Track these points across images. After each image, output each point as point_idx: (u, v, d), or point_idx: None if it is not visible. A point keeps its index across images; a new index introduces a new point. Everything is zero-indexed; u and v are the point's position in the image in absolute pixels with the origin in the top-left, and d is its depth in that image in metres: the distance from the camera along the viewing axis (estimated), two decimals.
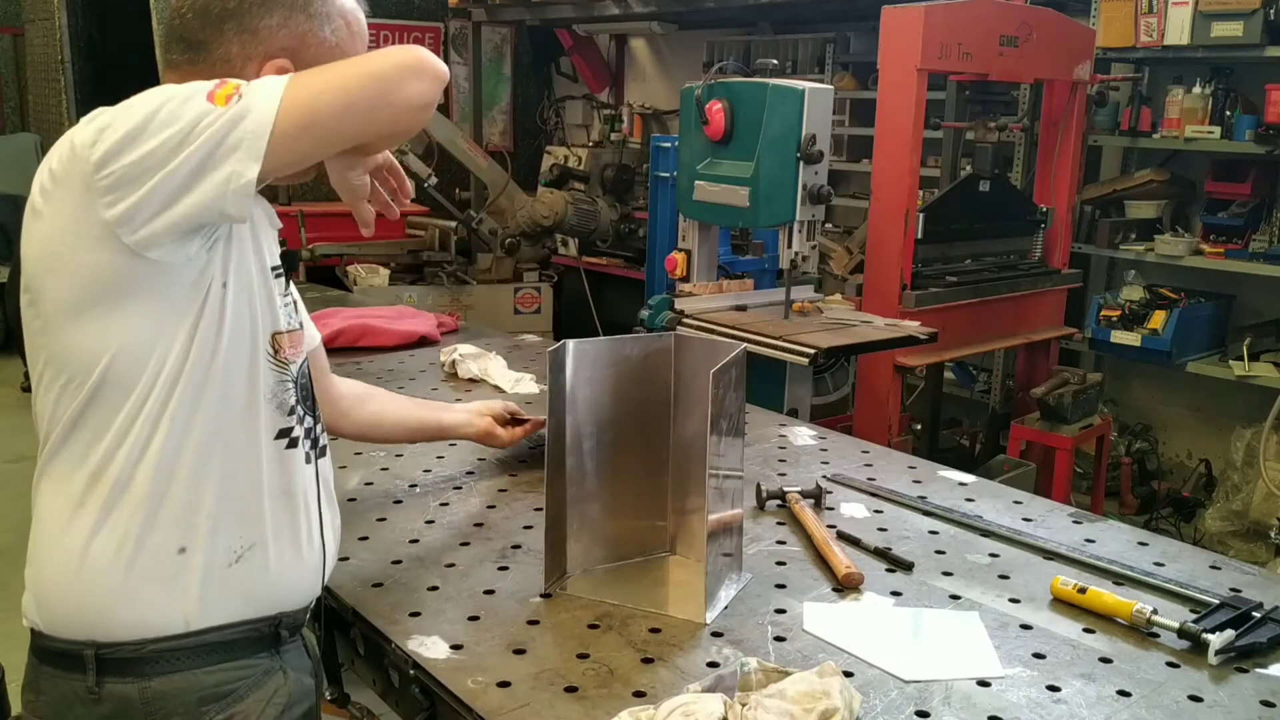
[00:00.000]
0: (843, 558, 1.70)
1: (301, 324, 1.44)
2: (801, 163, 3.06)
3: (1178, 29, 4.15)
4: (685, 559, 1.73)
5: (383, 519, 1.88)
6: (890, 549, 1.78)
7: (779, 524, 1.91)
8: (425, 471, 2.12)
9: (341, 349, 2.98)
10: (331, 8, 1.35)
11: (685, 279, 3.54)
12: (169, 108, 1.13)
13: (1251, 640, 1.47)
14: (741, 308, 3.44)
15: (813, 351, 2.95)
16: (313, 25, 1.32)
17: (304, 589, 1.39)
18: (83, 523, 1.25)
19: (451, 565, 1.69)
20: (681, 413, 1.72)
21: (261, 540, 1.31)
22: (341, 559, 1.62)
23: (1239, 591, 1.62)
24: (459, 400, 2.59)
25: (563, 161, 5.89)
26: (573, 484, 1.67)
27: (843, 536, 1.84)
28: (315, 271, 5.28)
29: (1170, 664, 1.45)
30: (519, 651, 1.43)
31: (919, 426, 4.21)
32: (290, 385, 1.36)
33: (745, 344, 1.70)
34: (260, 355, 1.31)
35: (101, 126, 1.14)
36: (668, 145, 4.32)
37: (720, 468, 1.58)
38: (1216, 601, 1.57)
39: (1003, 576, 1.71)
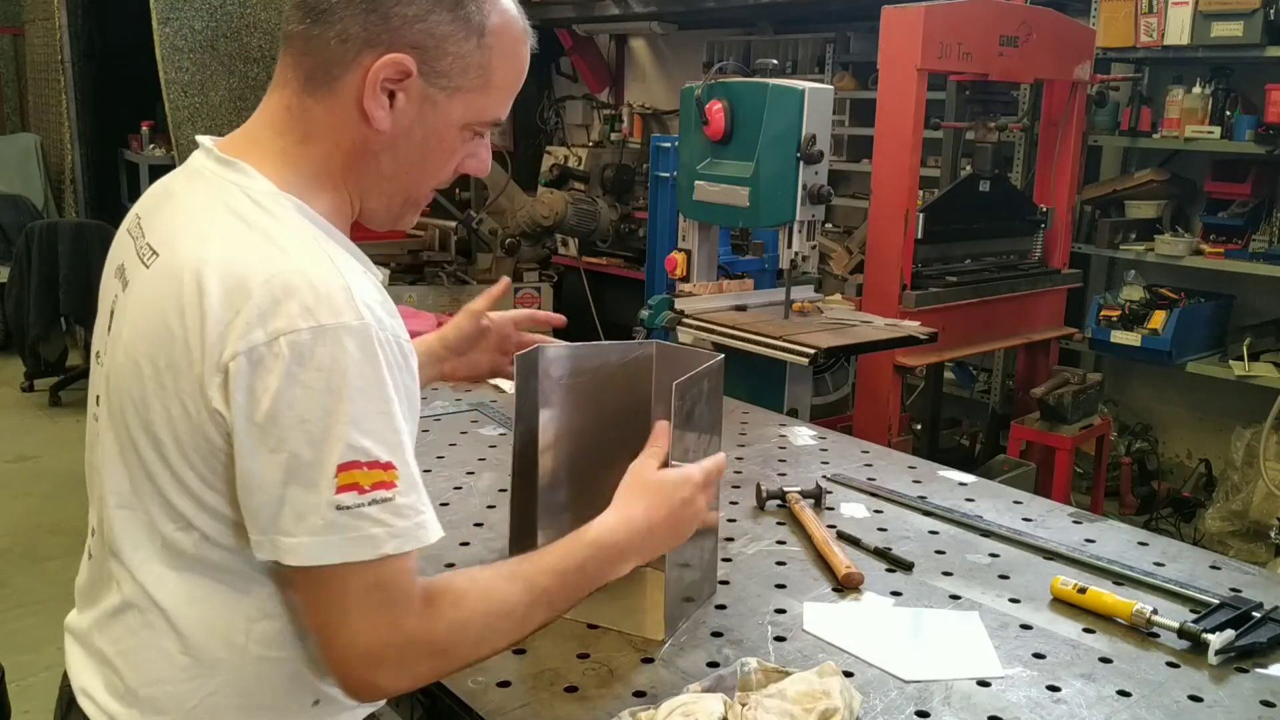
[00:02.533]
0: (843, 558, 1.70)
1: None
2: (801, 163, 3.05)
3: (1178, 29, 4.14)
4: (659, 571, 1.57)
5: None
6: (890, 549, 1.78)
7: (779, 524, 1.91)
8: (426, 471, 2.10)
9: None
10: (489, 20, 1.14)
11: (685, 279, 3.53)
12: None
13: (1251, 640, 1.47)
14: (741, 308, 3.44)
15: (813, 351, 2.95)
16: (456, 30, 1.11)
17: None
18: (226, 669, 1.12)
19: (451, 565, 1.69)
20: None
21: None
22: None
23: (1239, 591, 1.62)
24: (459, 400, 2.60)
25: (563, 161, 5.89)
26: (547, 491, 1.64)
27: (843, 536, 1.84)
28: None
29: (1170, 664, 1.45)
30: (519, 651, 1.43)
31: (919, 426, 4.21)
32: None
33: (723, 355, 1.59)
34: None
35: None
36: (668, 145, 4.32)
37: None
38: (1216, 601, 1.57)
39: (1003, 576, 1.71)
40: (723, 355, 1.59)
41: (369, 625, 1.05)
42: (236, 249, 1.04)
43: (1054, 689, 1.38)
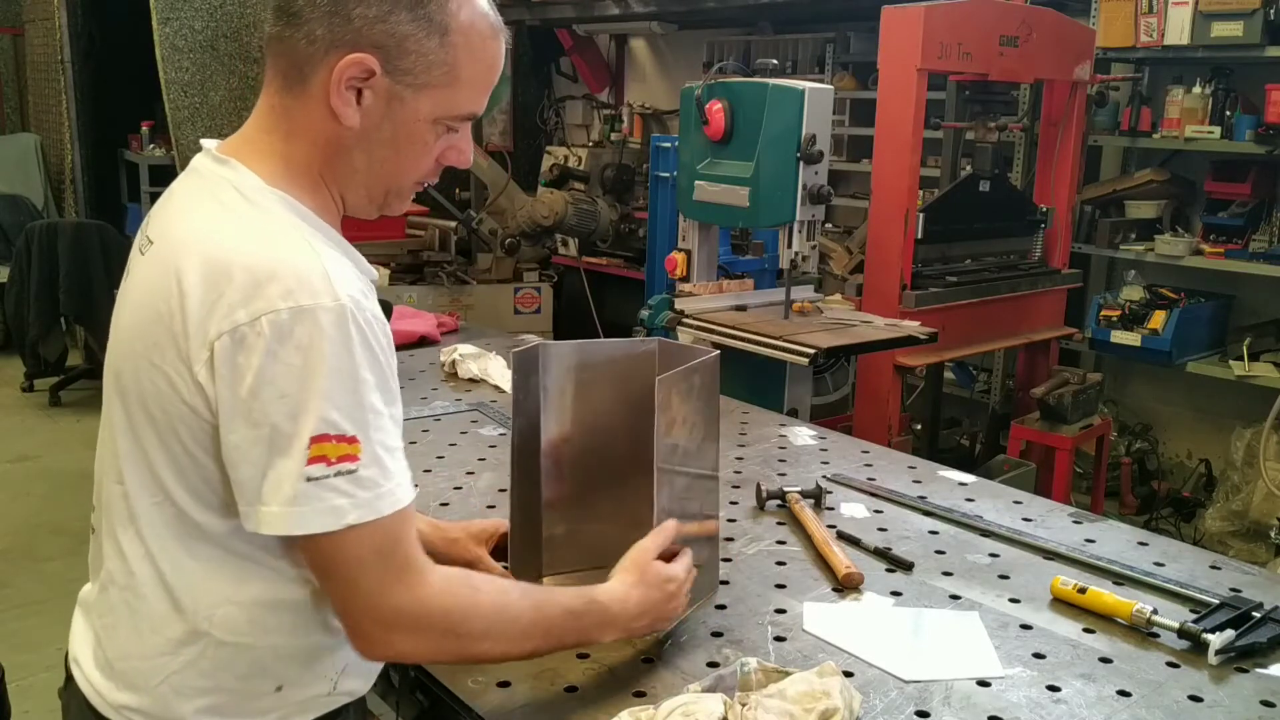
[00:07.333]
0: (843, 558, 1.70)
1: None
2: (801, 163, 3.05)
3: (1178, 29, 4.14)
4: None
5: None
6: (890, 549, 1.78)
7: (779, 524, 1.91)
8: (425, 472, 2.12)
9: None
10: (451, 19, 1.16)
11: (685, 279, 3.53)
12: None
13: (1251, 640, 1.47)
14: (741, 308, 3.44)
15: (813, 351, 2.95)
16: (417, 30, 1.14)
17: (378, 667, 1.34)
18: (190, 651, 1.17)
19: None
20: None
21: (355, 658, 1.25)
22: None
23: (1239, 591, 1.62)
24: (459, 400, 2.60)
25: (563, 161, 5.89)
26: (549, 486, 1.63)
27: (843, 536, 1.84)
28: None
29: (1170, 664, 1.45)
30: None
31: (919, 426, 4.21)
32: None
33: (720, 351, 1.56)
34: None
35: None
36: (668, 145, 4.32)
37: (677, 481, 1.48)
38: (1216, 601, 1.57)
39: (1003, 576, 1.71)
40: (718, 352, 1.56)
41: (383, 588, 1.12)
42: (219, 235, 1.12)
43: (1054, 689, 1.38)
